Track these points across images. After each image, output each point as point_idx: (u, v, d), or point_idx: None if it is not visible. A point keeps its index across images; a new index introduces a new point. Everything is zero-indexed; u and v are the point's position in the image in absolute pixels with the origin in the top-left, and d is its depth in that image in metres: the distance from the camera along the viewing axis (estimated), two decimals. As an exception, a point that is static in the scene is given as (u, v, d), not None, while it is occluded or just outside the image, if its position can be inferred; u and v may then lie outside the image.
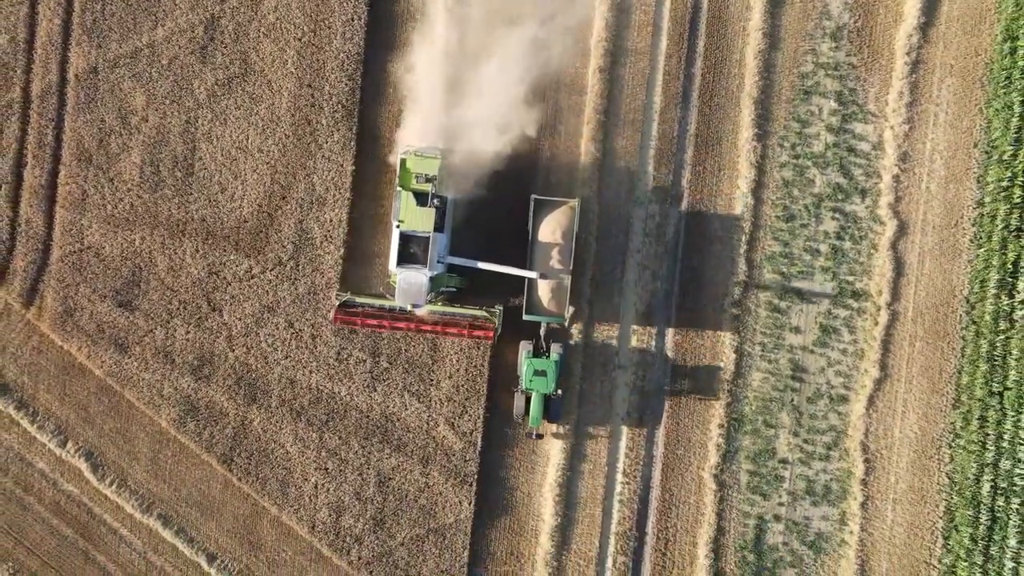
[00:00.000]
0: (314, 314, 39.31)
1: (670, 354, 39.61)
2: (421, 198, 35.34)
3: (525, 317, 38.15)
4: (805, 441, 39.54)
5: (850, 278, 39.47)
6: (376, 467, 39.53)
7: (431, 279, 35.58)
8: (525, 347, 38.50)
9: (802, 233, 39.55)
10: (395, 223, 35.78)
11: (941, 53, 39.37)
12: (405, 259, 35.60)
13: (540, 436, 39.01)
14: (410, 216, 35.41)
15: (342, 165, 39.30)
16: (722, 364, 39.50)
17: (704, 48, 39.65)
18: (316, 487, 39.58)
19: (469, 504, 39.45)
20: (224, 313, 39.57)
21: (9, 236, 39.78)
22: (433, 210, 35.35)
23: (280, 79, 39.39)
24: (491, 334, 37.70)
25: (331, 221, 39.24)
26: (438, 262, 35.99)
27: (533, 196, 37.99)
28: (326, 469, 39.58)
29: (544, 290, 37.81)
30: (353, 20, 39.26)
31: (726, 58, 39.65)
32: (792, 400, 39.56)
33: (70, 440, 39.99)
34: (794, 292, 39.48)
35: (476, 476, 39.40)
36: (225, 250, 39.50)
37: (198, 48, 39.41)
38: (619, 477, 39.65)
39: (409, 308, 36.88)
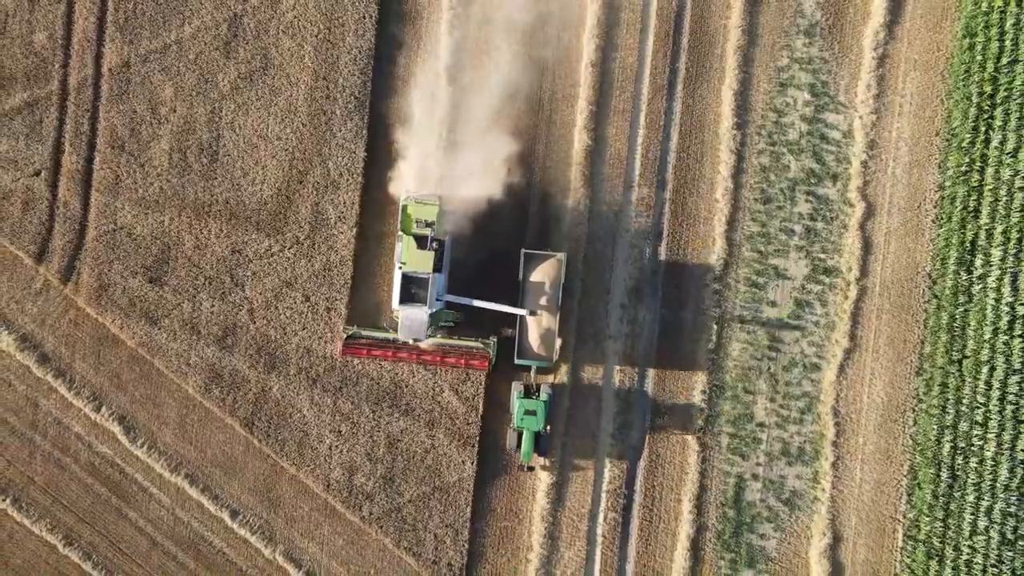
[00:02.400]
0: (329, 289, 41.54)
1: (657, 326, 41.89)
2: (421, 241, 37.56)
3: (516, 361, 39.91)
4: (781, 406, 41.86)
5: (822, 256, 41.89)
6: (386, 430, 41.62)
7: (431, 315, 37.73)
8: (516, 388, 40.26)
9: (778, 214, 41.94)
10: (398, 265, 37.97)
11: (906, 49, 41.85)
12: (407, 298, 37.69)
13: (531, 469, 40.77)
14: (411, 258, 37.47)
15: (354, 152, 41.53)
16: (704, 335, 41.82)
17: (688, 44, 42.02)
18: (331, 448, 41.66)
19: (471, 464, 41.55)
20: (246, 288, 41.70)
21: (48, 217, 41.74)
22: (432, 253, 37.37)
23: (297, 72, 41.66)
24: (486, 364, 39.91)
25: (344, 203, 41.50)
26: (437, 300, 37.99)
27: (523, 250, 39.99)
28: (340, 432, 41.71)
29: (533, 335, 39.54)
30: (365, 18, 41.58)
31: (708, 53, 42.15)
32: (769, 368, 41.88)
33: (104, 405, 41.85)
34: (771, 268, 42.09)
35: (478, 438, 41.46)
36: (247, 230, 41.63)
37: (222, 44, 41.61)
38: (609, 440, 41.88)
39: (411, 342, 39.18)
